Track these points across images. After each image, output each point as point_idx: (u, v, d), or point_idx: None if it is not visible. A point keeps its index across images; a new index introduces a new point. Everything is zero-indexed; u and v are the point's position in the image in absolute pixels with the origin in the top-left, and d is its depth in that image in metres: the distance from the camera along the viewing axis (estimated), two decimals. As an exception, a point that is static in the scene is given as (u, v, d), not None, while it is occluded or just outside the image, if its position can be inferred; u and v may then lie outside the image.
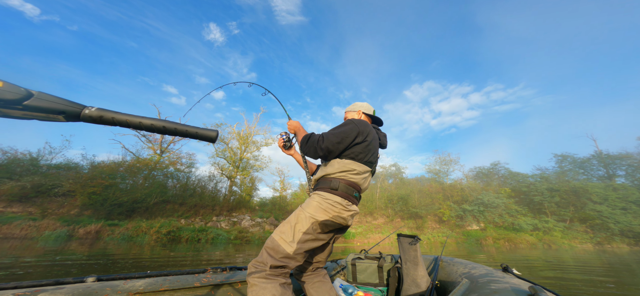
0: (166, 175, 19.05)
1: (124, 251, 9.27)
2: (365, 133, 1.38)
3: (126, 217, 16.26)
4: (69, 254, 7.78)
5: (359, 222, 24.62)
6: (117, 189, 16.45)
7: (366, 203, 25.83)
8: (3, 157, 15.04)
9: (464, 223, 24.37)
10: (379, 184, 29.26)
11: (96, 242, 12.98)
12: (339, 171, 1.34)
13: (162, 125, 0.96)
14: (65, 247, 10.81)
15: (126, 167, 17.68)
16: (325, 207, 1.27)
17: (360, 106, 1.68)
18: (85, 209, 15.47)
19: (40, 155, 16.22)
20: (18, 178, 14.38)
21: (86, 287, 1.20)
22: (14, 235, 13.04)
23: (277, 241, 1.22)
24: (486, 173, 30.65)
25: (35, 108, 0.66)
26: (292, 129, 1.62)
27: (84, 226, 14.50)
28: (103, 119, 0.86)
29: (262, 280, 1.12)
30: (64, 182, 15.06)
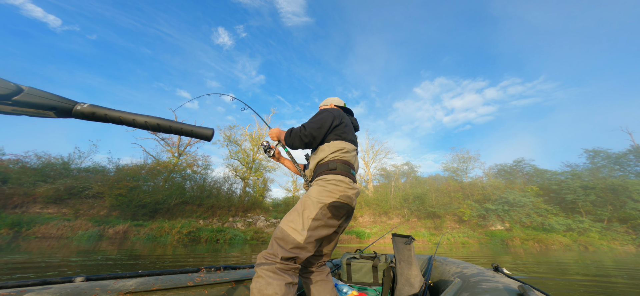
0: (184, 177, 19.84)
1: (149, 251, 9.73)
2: (340, 116, 1.47)
3: (150, 218, 17.09)
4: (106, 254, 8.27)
5: (373, 222, 24.18)
6: (140, 191, 17.37)
7: (380, 203, 25.33)
8: (38, 162, 16.38)
9: (486, 223, 23.19)
10: (392, 183, 28.60)
11: (124, 242, 13.76)
12: (332, 152, 1.37)
13: (156, 123, 0.93)
14: (97, 247, 11.54)
15: (147, 169, 18.65)
16: (330, 189, 1.26)
17: (331, 100, 1.79)
18: (113, 210, 16.44)
19: (71, 159, 17.55)
20: (52, 181, 15.59)
21: (74, 287, 1.16)
22: (51, 235, 14.13)
23: (286, 231, 1.18)
24: (509, 171, 28.94)
25: (25, 104, 0.64)
26: (275, 137, 1.62)
27: (113, 227, 15.42)
28: (95, 116, 0.84)
29: (270, 274, 1.08)
30: (93, 185, 16.12)
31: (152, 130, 0.97)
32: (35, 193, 14.79)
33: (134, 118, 0.91)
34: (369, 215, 24.72)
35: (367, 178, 31.12)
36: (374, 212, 24.81)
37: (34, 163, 16.37)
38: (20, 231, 13.45)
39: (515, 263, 7.92)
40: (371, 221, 24.25)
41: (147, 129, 0.96)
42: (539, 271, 6.19)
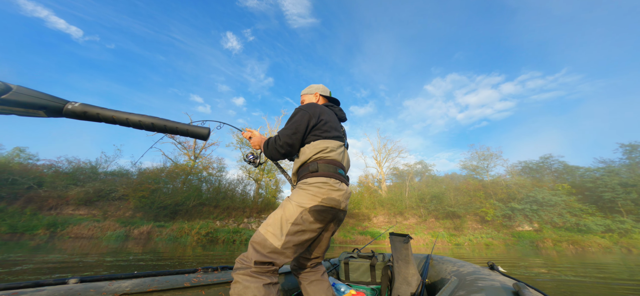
0: (200, 180, 20.55)
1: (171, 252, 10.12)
2: (317, 114, 1.34)
3: (170, 219, 17.82)
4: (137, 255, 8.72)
5: (388, 222, 23.57)
6: (161, 193, 18.19)
7: (395, 203, 24.67)
8: (69, 166, 17.67)
9: (512, 223, 21.84)
10: (407, 183, 27.75)
11: (148, 242, 14.44)
12: (313, 154, 1.29)
13: (150, 122, 0.94)
14: (124, 247, 12.20)
15: (167, 172, 19.50)
16: (313, 192, 1.20)
17: (316, 88, 1.66)
18: (137, 211, 17.32)
19: (98, 163, 18.86)
20: (82, 185, 16.73)
21: (68, 289, 1.13)
22: (83, 235, 15.14)
23: (263, 235, 1.14)
24: (535, 168, 27.06)
25: (13, 103, 0.63)
26: (257, 145, 1.53)
27: (138, 227, 16.26)
28: (87, 115, 0.83)
29: (246, 278, 1.05)
30: (118, 187, 17.10)
31: (146, 129, 0.98)
32: (68, 196, 15.94)
33: (128, 118, 0.90)
34: (383, 215, 24.16)
35: (379, 178, 30.48)
36: (388, 212, 24.20)
37: (66, 168, 17.78)
38: (56, 232, 14.53)
39: (547, 265, 7.29)
40: (386, 221, 23.67)
41: (141, 128, 0.96)
42: (581, 274, 5.61)
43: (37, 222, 14.55)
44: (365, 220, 23.44)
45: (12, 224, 13.95)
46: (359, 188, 28.88)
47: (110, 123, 0.87)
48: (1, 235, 13.39)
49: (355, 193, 26.86)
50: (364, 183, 29.73)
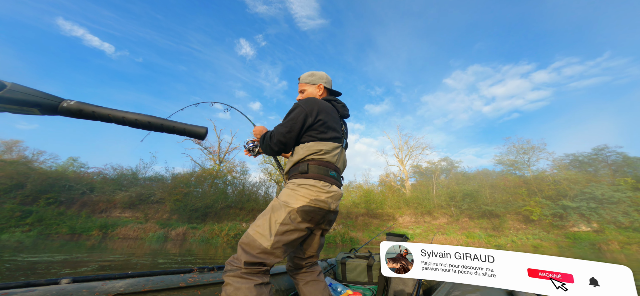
0: (225, 183, 21.59)
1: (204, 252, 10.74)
2: (315, 112, 1.28)
3: (201, 221, 18.93)
4: (184, 255, 9.48)
5: (416, 222, 22.33)
6: (192, 196, 19.41)
7: (422, 202, 23.33)
8: (114, 173, 19.74)
9: (565, 223, 19.32)
10: (434, 181, 26.08)
11: (184, 243, 15.52)
12: (307, 155, 1.27)
13: (147, 121, 0.94)
14: (164, 247, 13.26)
15: (196, 176, 20.81)
16: (302, 193, 1.19)
17: (320, 78, 1.54)
18: (173, 214, 18.71)
19: (138, 170, 20.80)
20: (126, 189, 18.52)
21: (60, 289, 1.12)
22: (129, 236, 16.77)
23: (252, 236, 1.14)
24: (587, 161, 23.60)
25: (7, 100, 0.64)
26: (259, 135, 1.51)
27: (174, 229, 17.55)
28: (83, 113, 0.84)
29: (237, 279, 1.06)
30: (156, 191, 18.63)
31: (142, 127, 0.97)
32: (115, 200, 17.80)
33: (124, 116, 0.90)
34: (409, 216, 23.00)
35: (402, 176, 29.18)
36: (414, 212, 22.98)
37: (111, 174, 19.93)
38: (107, 233, 16.28)
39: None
40: (413, 221, 22.48)
41: (137, 127, 0.95)
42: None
43: (91, 224, 16.45)
44: (390, 220, 22.54)
45: (72, 226, 15.94)
46: (380, 187, 28.04)
47: (106, 122, 0.87)
48: (63, 235, 15.38)
49: (376, 192, 26.15)
50: (386, 182, 28.74)
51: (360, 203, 23.44)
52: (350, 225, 20.76)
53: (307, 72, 1.57)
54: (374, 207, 23.06)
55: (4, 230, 14.10)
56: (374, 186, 27.88)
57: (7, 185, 15.74)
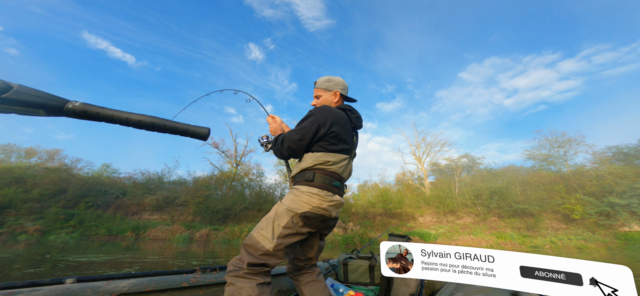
0: (243, 185, 22.12)
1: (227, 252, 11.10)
2: (328, 123, 1.30)
3: (222, 222, 19.59)
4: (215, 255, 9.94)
5: (437, 222, 21.23)
6: (213, 199, 20.15)
7: (444, 201, 22.13)
8: (142, 177, 21.04)
9: (613, 222, 17.33)
10: (456, 178, 24.64)
11: (207, 244, 16.17)
12: (314, 164, 1.30)
13: (150, 122, 0.96)
14: (190, 248, 13.92)
15: (215, 179, 21.56)
16: (305, 199, 1.23)
17: (337, 84, 1.53)
18: (196, 216, 19.56)
19: (163, 174, 22.01)
20: (153, 193, 19.67)
21: (65, 289, 1.14)
22: (158, 237, 17.81)
23: (255, 238, 1.18)
24: (634, 154, 20.90)
25: (14, 102, 0.66)
26: (273, 132, 1.55)
27: (198, 230, 18.34)
28: (88, 114, 0.85)
29: (239, 279, 1.09)
30: (180, 194, 19.59)
31: (146, 128, 0.98)
32: (144, 203, 19.00)
33: (128, 117, 0.92)
34: (430, 215, 21.95)
35: (420, 174, 27.97)
36: (436, 211, 21.88)
37: (140, 179, 21.30)
38: (139, 234, 17.41)
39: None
40: (435, 221, 21.42)
41: (141, 128, 0.97)
42: None
43: (125, 226, 17.69)
44: (410, 220, 21.68)
45: (108, 227, 17.25)
46: (397, 186, 27.13)
47: (111, 123, 0.90)
48: (101, 236, 16.70)
49: (393, 192, 25.40)
50: (402, 181, 27.71)
51: (377, 203, 22.90)
52: (368, 225, 20.30)
53: (323, 77, 1.55)
54: (391, 207, 22.41)
55: (51, 232, 15.61)
56: (391, 185, 27.15)
57: (51, 191, 17.44)
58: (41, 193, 17.08)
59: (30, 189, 16.95)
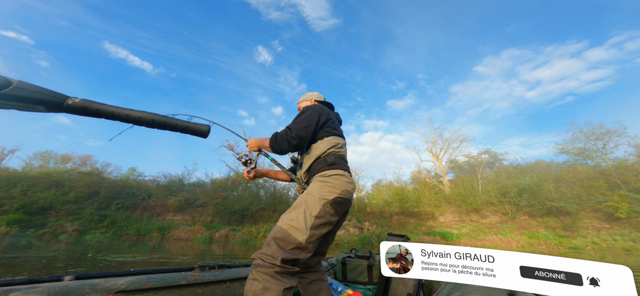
0: (258, 186, 22.39)
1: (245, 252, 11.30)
2: (325, 112, 1.43)
3: (240, 223, 20.03)
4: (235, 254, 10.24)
5: (460, 221, 20.06)
6: (230, 200, 20.67)
7: (466, 199, 20.89)
8: (165, 180, 22.07)
9: (664, 221, 15.33)
10: (478, 175, 23.16)
11: (226, 244, 16.60)
12: (327, 148, 1.34)
13: (150, 119, 0.97)
14: (210, 248, 14.38)
15: (231, 181, 22.06)
16: (333, 184, 1.23)
17: (311, 95, 1.73)
18: (215, 217, 20.17)
19: (183, 176, 22.87)
20: (175, 194, 20.56)
21: (63, 286, 1.13)
22: (181, 238, 18.58)
23: (286, 231, 1.11)
24: None
25: (14, 98, 0.66)
26: (255, 147, 1.55)
27: (218, 231, 18.89)
28: (88, 110, 0.85)
29: (268, 278, 1.01)
30: (199, 196, 20.31)
31: (146, 125, 1.00)
32: (168, 204, 19.93)
33: (128, 114, 0.93)
34: (451, 214, 20.82)
35: (438, 172, 26.64)
36: (458, 210, 20.71)
37: (163, 181, 22.33)
38: (164, 235, 18.29)
39: None
40: (457, 220, 20.27)
41: (142, 124, 0.97)
42: None
43: (152, 226, 18.67)
44: (429, 219, 20.71)
45: (137, 228, 18.29)
46: (412, 185, 26.10)
47: (111, 119, 0.89)
48: (131, 236, 17.76)
49: (409, 190, 24.55)
50: (419, 179, 26.59)
51: (393, 202, 22.22)
52: (385, 225, 19.72)
53: (302, 96, 1.79)
54: (408, 206, 21.62)
55: (87, 232, 16.86)
56: (406, 184, 26.28)
57: (86, 193, 18.87)
58: (77, 196, 18.55)
59: (67, 192, 18.46)
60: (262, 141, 1.50)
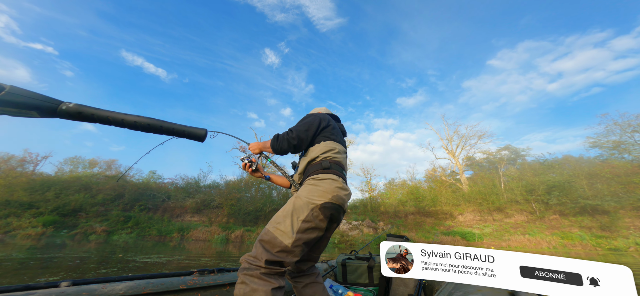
0: (270, 188, 22.57)
1: None
2: (326, 119, 1.46)
3: (254, 224, 20.29)
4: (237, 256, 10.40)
5: (483, 221, 18.97)
6: (244, 201, 20.99)
7: (488, 197, 19.75)
8: (182, 182, 22.81)
9: None
10: (500, 172, 21.83)
11: (242, 245, 16.89)
12: (323, 152, 1.35)
13: (146, 123, 0.96)
14: (226, 248, 14.70)
15: (244, 182, 22.38)
16: (323, 188, 1.22)
17: (318, 109, 1.73)
18: (230, 217, 20.58)
19: (199, 178, 23.58)
20: (192, 196, 21.21)
21: (60, 292, 1.13)
22: (199, 238, 19.15)
23: (273, 233, 1.12)
24: None
25: (6, 103, 0.66)
26: (256, 149, 1.57)
27: (233, 231, 19.26)
28: (82, 115, 0.85)
29: (255, 280, 1.02)
30: (215, 197, 20.81)
31: (142, 130, 0.99)
32: (186, 206, 20.61)
33: (123, 118, 0.93)
34: (471, 213, 19.76)
35: (455, 169, 25.48)
36: (478, 209, 19.60)
37: (180, 184, 23.13)
38: (183, 235, 18.94)
39: None
40: (478, 219, 19.20)
41: (137, 129, 0.97)
42: None
43: (172, 227, 19.40)
44: (448, 219, 19.79)
45: (159, 228, 19.08)
46: (427, 183, 25.25)
47: (106, 124, 0.89)
48: (153, 236, 18.56)
49: (424, 189, 23.77)
50: (434, 177, 25.62)
51: (407, 201, 21.53)
52: (400, 225, 19.11)
53: None
54: (424, 205, 20.85)
55: (114, 232, 17.83)
56: (420, 182, 25.49)
57: (112, 196, 19.96)
58: (104, 198, 19.68)
59: (95, 194, 19.64)
60: (263, 144, 1.53)
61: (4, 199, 17.69)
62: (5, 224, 16.40)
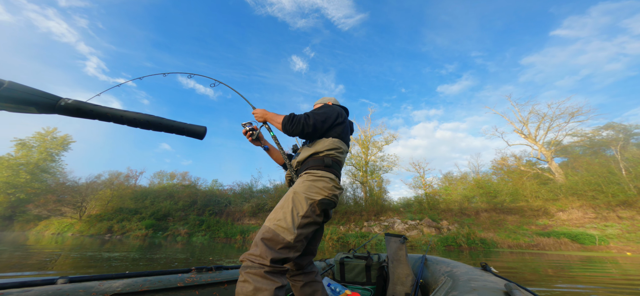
0: None
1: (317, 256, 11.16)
2: (343, 116, 1.50)
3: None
4: None
5: (601, 219, 13.61)
6: (293, 203, 21.56)
7: (605, 188, 14.31)
8: (239, 188, 25.05)
9: None
10: (617, 155, 15.64)
11: None
12: (328, 149, 1.35)
13: (146, 120, 0.97)
14: None
15: None
16: (321, 186, 1.24)
17: (328, 99, 1.74)
18: (283, 220, 21.39)
19: (252, 184, 25.47)
20: (248, 201, 22.99)
21: (56, 289, 1.11)
22: (258, 240, 20.56)
23: (274, 230, 1.11)
24: None
25: (4, 98, 0.65)
26: (261, 117, 1.53)
27: (287, 233, 19.87)
28: (81, 111, 0.84)
29: (258, 278, 0.99)
30: (267, 201, 22.00)
31: (141, 126, 0.99)
32: (244, 210, 22.46)
33: (123, 115, 0.92)
34: (579, 209, 14.47)
35: (539, 156, 20.00)
36: (590, 203, 14.24)
37: (237, 190, 25.43)
38: (245, 238, 20.66)
39: None
40: (593, 217, 13.89)
41: (137, 126, 0.96)
42: None
43: (235, 230, 21.42)
44: (541, 216, 15.12)
45: (225, 231, 21.36)
46: (495, 176, 20.82)
47: (105, 121, 0.90)
48: (221, 239, 20.89)
49: (494, 182, 19.87)
50: (507, 167, 20.73)
51: (474, 196, 17.86)
52: (471, 224, 15.70)
53: (317, 100, 1.79)
54: (500, 200, 16.94)
55: (193, 235, 20.87)
56: (487, 174, 21.35)
57: (188, 202, 23.54)
58: (184, 205, 23.38)
59: (177, 201, 23.54)
60: (270, 115, 1.48)
61: (118, 207, 23.07)
62: (121, 227, 21.33)
